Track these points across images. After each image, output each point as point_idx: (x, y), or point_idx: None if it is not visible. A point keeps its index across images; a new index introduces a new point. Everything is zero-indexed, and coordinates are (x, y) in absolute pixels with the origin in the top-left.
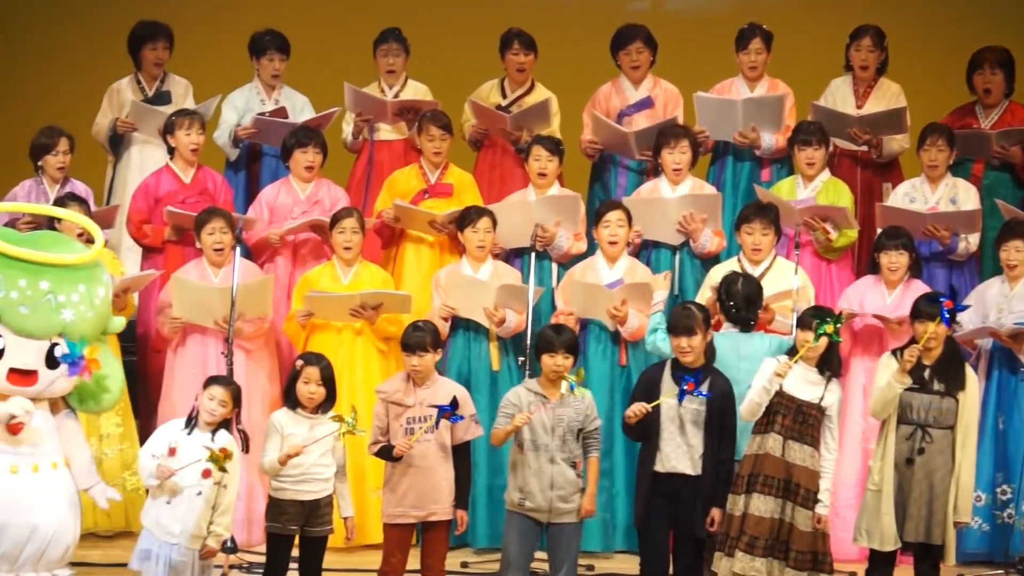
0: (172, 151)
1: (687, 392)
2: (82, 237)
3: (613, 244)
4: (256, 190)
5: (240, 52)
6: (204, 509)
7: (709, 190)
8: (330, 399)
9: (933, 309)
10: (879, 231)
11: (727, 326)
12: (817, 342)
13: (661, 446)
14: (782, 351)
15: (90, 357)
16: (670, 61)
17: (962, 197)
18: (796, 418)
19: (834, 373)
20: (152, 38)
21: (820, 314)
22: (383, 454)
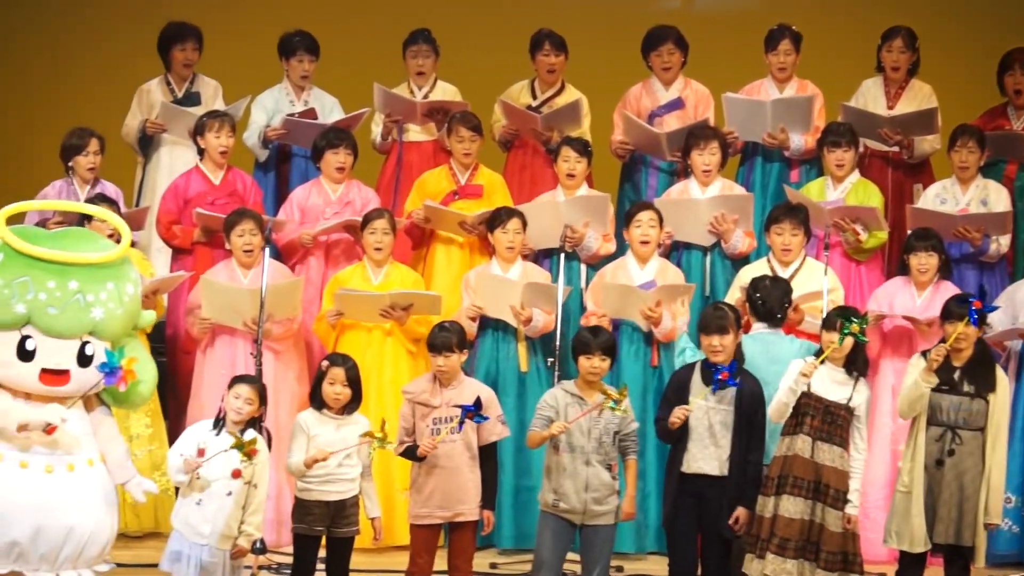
0: (202, 152)
1: (722, 381)
2: (112, 237)
3: (645, 244)
4: (286, 191)
5: (269, 53)
6: (234, 509)
7: (739, 191)
8: (356, 400)
9: (963, 310)
10: (909, 232)
11: (757, 328)
12: (842, 343)
13: (688, 447)
14: (811, 354)
15: (127, 368)
16: (698, 61)
17: (993, 198)
18: (825, 419)
19: (861, 373)
20: (181, 39)
21: (845, 314)
22: (408, 454)
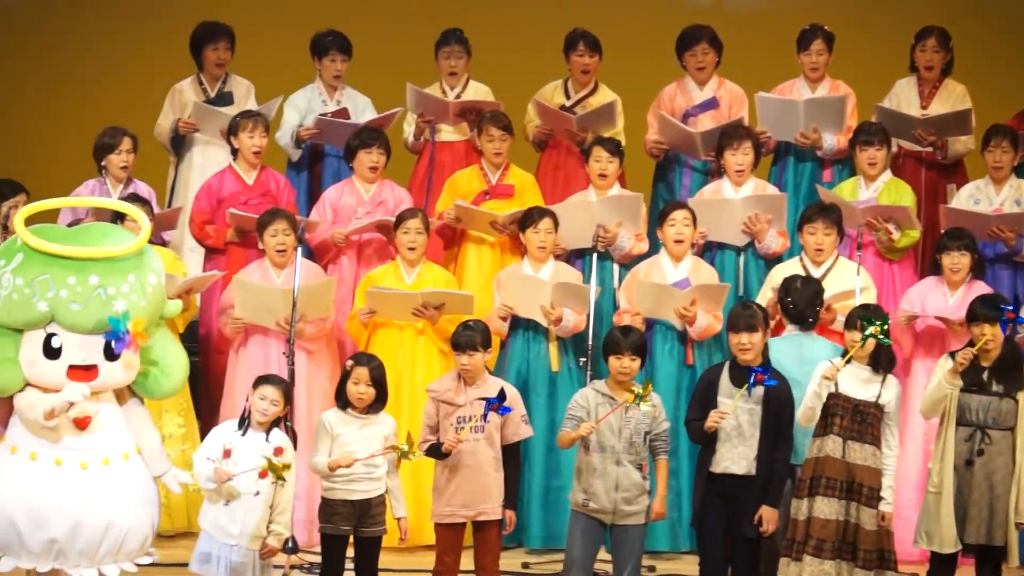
0: (235, 152)
1: (757, 383)
2: None
3: (679, 243)
4: (318, 191)
5: (302, 53)
6: (263, 509)
7: (772, 191)
8: (380, 400)
9: (988, 312)
10: (942, 232)
11: (789, 329)
12: (864, 345)
13: (717, 447)
14: (839, 355)
15: (135, 331)
16: (730, 59)
17: None
18: (854, 418)
19: (886, 370)
20: (214, 39)
21: (867, 314)
22: (432, 452)
